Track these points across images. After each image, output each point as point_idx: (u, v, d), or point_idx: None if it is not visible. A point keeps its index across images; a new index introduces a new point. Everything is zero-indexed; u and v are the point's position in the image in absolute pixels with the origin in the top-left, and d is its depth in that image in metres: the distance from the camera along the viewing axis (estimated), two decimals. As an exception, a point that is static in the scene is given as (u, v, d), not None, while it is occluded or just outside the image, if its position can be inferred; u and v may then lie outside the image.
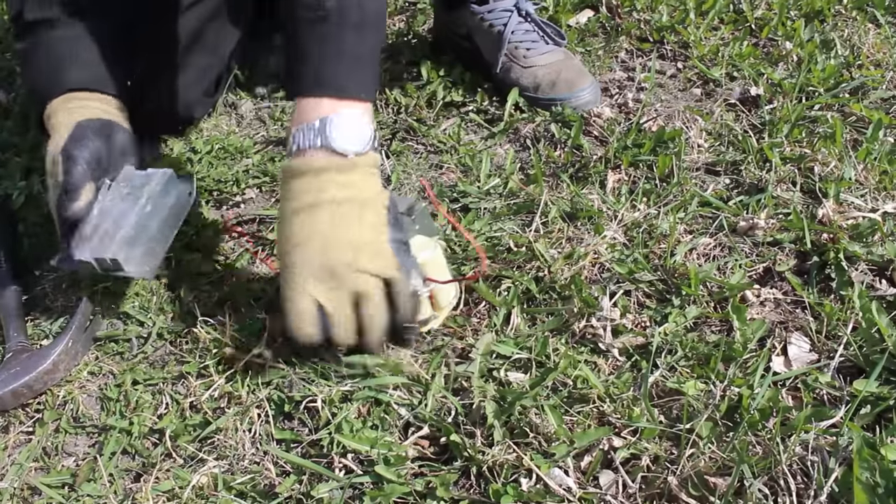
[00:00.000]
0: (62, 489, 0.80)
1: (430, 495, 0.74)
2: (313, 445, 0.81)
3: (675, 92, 1.33)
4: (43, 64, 0.96)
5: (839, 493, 0.70)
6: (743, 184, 1.10)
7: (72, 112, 0.89)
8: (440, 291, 0.88)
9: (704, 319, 0.91)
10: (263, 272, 1.02)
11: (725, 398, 0.78)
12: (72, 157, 0.85)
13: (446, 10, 1.38)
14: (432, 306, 0.88)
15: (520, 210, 1.07)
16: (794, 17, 1.49)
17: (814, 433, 0.74)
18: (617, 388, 0.81)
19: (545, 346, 0.86)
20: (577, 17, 1.53)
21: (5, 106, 1.37)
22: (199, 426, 0.83)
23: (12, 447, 0.85)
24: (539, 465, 0.74)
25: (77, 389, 0.89)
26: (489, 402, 0.79)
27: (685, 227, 1.03)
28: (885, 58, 1.34)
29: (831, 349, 0.85)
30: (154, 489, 0.77)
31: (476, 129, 1.27)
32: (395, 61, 1.41)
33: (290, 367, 0.87)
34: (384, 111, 1.30)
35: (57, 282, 1.03)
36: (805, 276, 0.95)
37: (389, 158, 1.21)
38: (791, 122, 1.17)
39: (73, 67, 0.93)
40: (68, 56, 0.95)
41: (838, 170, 1.08)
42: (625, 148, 1.15)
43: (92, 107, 0.91)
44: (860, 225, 0.97)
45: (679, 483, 0.72)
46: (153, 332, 0.94)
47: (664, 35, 1.45)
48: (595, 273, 0.97)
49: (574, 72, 1.27)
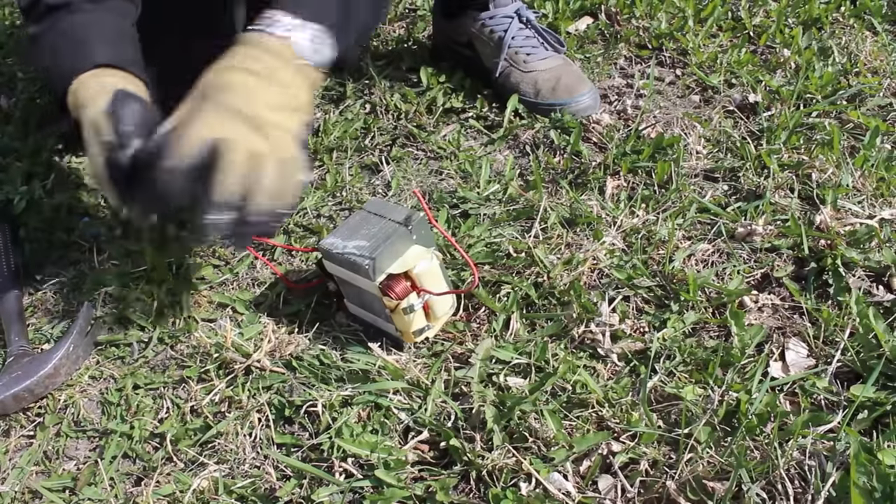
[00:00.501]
0: (63, 493, 0.80)
1: (429, 499, 0.74)
2: (314, 449, 0.81)
3: (674, 99, 1.34)
4: (65, 42, 0.96)
5: (836, 498, 0.70)
6: (741, 190, 1.10)
7: (104, 83, 0.89)
8: (436, 302, 0.88)
9: (703, 325, 0.91)
10: (264, 277, 1.02)
11: (723, 403, 0.79)
12: (118, 114, 0.85)
13: (446, 18, 1.38)
14: (428, 317, 0.89)
15: (519, 216, 1.08)
16: (791, 24, 1.50)
17: (811, 438, 0.74)
18: (616, 392, 0.82)
19: (544, 352, 0.86)
20: (576, 24, 1.54)
21: (6, 111, 1.38)
22: (200, 430, 0.83)
23: (13, 451, 0.85)
24: (538, 469, 0.74)
25: (78, 393, 0.89)
26: (489, 406, 0.80)
27: (684, 233, 1.03)
28: (882, 65, 1.35)
29: (829, 354, 0.85)
30: (155, 493, 0.78)
31: (476, 136, 1.28)
32: (396, 67, 1.42)
33: (291, 372, 0.87)
34: (384, 117, 1.31)
35: (58, 286, 1.03)
36: (803, 281, 0.96)
37: (389, 164, 1.21)
38: (789, 129, 1.18)
39: (101, 45, 0.94)
40: (94, 35, 0.96)
41: (836, 176, 1.09)
42: (624, 154, 1.16)
43: (123, 82, 0.92)
44: (857, 231, 0.98)
45: (677, 487, 0.72)
46: (154, 337, 0.94)
47: (663, 42, 1.45)
48: (594, 279, 0.97)
49: (574, 77, 1.27)
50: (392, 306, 0.85)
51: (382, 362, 0.86)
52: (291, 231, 1.08)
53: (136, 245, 1.05)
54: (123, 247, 1.06)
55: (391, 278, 0.84)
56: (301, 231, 1.09)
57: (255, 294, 1.00)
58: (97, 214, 1.12)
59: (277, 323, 0.94)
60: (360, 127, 1.29)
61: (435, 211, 1.09)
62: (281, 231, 1.08)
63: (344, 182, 1.17)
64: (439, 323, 0.90)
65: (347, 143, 1.25)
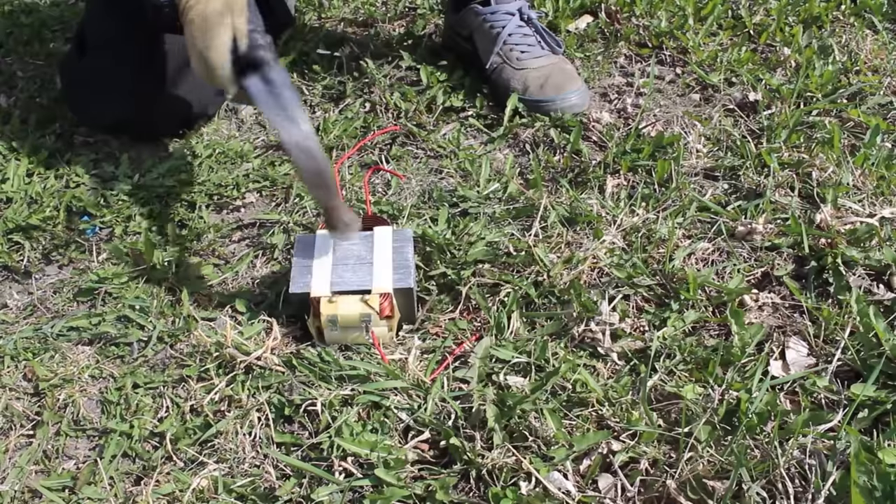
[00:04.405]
0: (62, 492, 0.80)
1: (429, 499, 0.74)
2: (313, 449, 0.81)
3: (674, 97, 1.34)
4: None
5: (837, 497, 0.70)
6: (741, 189, 1.10)
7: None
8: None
9: (703, 324, 0.91)
10: (264, 275, 1.02)
11: (724, 402, 0.79)
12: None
13: (454, 11, 1.39)
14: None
15: (519, 215, 1.07)
16: (792, 22, 1.50)
17: (812, 437, 0.74)
18: (616, 391, 0.82)
19: (544, 351, 0.86)
20: (576, 23, 1.54)
21: (6, 110, 1.37)
22: (200, 429, 0.83)
23: (13, 450, 0.85)
24: (538, 468, 0.74)
25: (77, 392, 0.89)
26: (489, 405, 0.80)
27: (684, 232, 1.03)
28: (882, 63, 1.35)
29: (829, 353, 0.85)
30: (154, 492, 0.78)
31: (476, 134, 1.28)
32: (395, 66, 1.42)
33: (291, 371, 0.87)
34: (384, 116, 1.30)
35: (58, 285, 1.03)
36: (803, 280, 0.95)
37: (389, 163, 1.21)
38: (789, 128, 1.18)
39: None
40: None
41: (836, 175, 1.08)
42: (624, 153, 1.15)
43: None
44: (858, 230, 0.98)
45: (677, 486, 0.72)
46: (154, 336, 0.94)
47: (663, 41, 1.45)
48: (594, 277, 0.97)
49: (563, 76, 1.27)
50: None
51: (383, 362, 0.86)
52: (291, 230, 1.08)
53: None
54: (123, 245, 1.06)
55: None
56: (301, 230, 1.08)
57: (255, 293, 1.00)
58: (97, 213, 1.12)
59: (277, 322, 0.94)
60: (360, 126, 1.28)
61: (435, 209, 1.09)
62: (281, 231, 1.08)
63: (344, 181, 1.17)
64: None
65: (347, 141, 1.25)
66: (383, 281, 0.90)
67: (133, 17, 1.12)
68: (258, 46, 0.92)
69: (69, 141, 1.29)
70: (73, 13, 1.71)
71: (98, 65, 1.21)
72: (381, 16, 1.62)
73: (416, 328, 0.94)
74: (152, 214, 1.12)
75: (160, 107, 1.20)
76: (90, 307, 1.00)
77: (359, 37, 1.55)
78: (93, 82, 1.22)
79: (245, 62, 0.92)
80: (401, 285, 0.90)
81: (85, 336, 0.96)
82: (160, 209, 1.13)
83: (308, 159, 0.89)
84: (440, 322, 0.94)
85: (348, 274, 0.91)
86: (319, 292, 0.89)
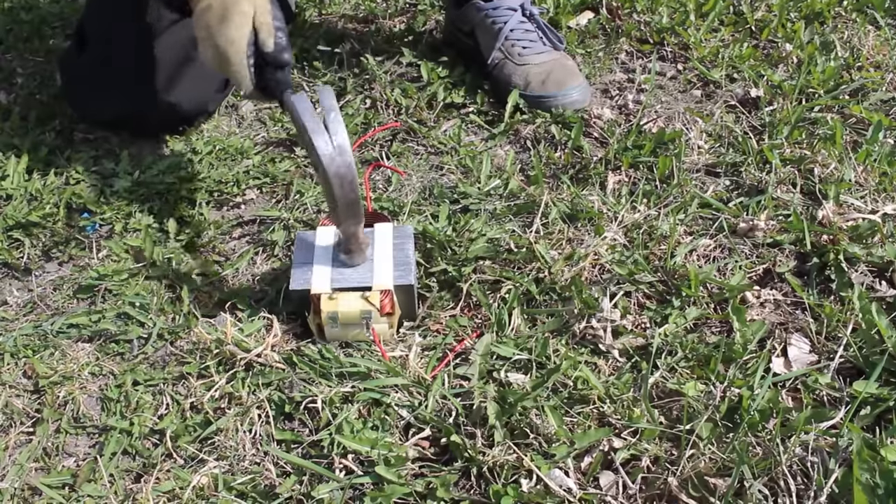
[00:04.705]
0: (62, 489, 0.80)
1: (430, 496, 0.74)
2: (314, 446, 0.81)
3: (676, 93, 1.33)
4: None
5: (839, 494, 0.70)
6: (743, 185, 1.10)
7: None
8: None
9: (704, 321, 0.91)
10: (264, 272, 1.02)
11: (725, 399, 0.79)
12: None
13: (455, 6, 1.39)
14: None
15: (520, 211, 1.07)
16: (794, 18, 1.49)
17: (814, 434, 0.74)
18: (617, 389, 0.81)
19: (545, 348, 0.86)
20: (577, 19, 1.53)
21: (6, 107, 1.37)
22: (200, 427, 0.83)
23: (13, 447, 0.85)
24: (539, 465, 0.74)
25: (78, 390, 0.89)
26: (490, 403, 0.79)
27: (685, 229, 1.03)
28: (884, 59, 1.34)
29: (831, 350, 0.85)
30: (154, 490, 0.78)
31: (476, 131, 1.27)
32: (396, 62, 1.41)
33: (291, 368, 0.87)
34: (385, 112, 1.30)
35: (59, 282, 1.03)
36: (805, 277, 0.95)
37: (390, 160, 1.21)
38: (791, 124, 1.17)
39: None
40: None
41: (838, 171, 1.08)
42: (625, 149, 1.15)
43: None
44: (860, 226, 0.98)
45: (679, 484, 0.72)
46: (154, 333, 0.94)
47: (664, 37, 1.45)
48: (595, 274, 0.97)
49: (565, 72, 1.27)
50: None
51: (383, 359, 0.86)
52: (292, 227, 1.08)
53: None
54: (122, 243, 1.06)
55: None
56: (301, 226, 1.08)
57: (256, 289, 1.00)
58: (97, 210, 1.12)
59: (278, 318, 0.93)
60: (361, 122, 1.28)
61: (435, 206, 1.09)
62: (281, 228, 1.08)
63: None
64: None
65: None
66: (384, 278, 0.89)
67: (133, 13, 1.12)
68: (285, 49, 0.87)
69: (69, 137, 1.29)
70: (72, 9, 1.70)
71: (98, 61, 1.20)
72: (381, 12, 1.62)
73: (416, 325, 0.94)
74: (152, 211, 1.12)
75: (160, 103, 1.20)
76: (90, 304, 1.00)
77: (359, 33, 1.55)
78: (93, 79, 1.22)
79: (267, 61, 0.87)
80: (401, 282, 0.90)
81: (85, 333, 0.95)
82: (160, 206, 1.13)
83: (348, 191, 0.85)
84: (441, 319, 0.94)
85: (349, 270, 0.91)
86: (320, 289, 0.89)
